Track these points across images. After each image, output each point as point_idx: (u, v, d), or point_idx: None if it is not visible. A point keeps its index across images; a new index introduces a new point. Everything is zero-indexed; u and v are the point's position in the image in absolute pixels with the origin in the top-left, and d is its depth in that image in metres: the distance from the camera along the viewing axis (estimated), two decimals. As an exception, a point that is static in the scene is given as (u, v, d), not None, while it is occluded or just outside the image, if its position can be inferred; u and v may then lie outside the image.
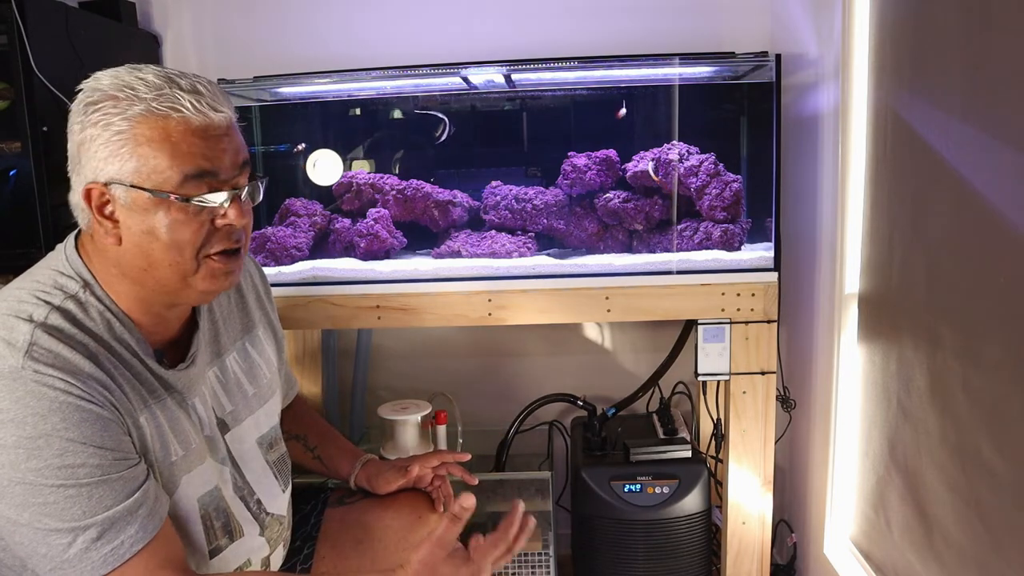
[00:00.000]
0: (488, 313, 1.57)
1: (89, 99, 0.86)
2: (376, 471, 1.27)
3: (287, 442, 1.26)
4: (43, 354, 0.81)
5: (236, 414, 1.06)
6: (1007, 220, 0.93)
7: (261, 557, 1.07)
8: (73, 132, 0.87)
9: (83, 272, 0.90)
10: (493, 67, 1.59)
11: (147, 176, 0.85)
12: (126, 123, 0.84)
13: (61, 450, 0.80)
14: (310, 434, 1.30)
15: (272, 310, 1.20)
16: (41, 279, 0.89)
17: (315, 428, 1.31)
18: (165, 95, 0.85)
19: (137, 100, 0.84)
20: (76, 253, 0.91)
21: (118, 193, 0.86)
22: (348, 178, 1.75)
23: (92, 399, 0.82)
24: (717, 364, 1.56)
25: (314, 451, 1.29)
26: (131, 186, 0.86)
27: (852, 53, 1.37)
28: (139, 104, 0.84)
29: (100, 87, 0.86)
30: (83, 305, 0.88)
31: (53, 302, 0.85)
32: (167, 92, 0.85)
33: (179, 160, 0.86)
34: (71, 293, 0.88)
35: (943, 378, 1.11)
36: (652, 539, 1.57)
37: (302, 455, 1.29)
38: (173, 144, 0.85)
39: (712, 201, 1.60)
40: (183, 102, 0.85)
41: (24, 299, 0.85)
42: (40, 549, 0.81)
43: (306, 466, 1.30)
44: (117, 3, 1.75)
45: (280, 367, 1.19)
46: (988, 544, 1.00)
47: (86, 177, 0.87)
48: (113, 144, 0.85)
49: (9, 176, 1.46)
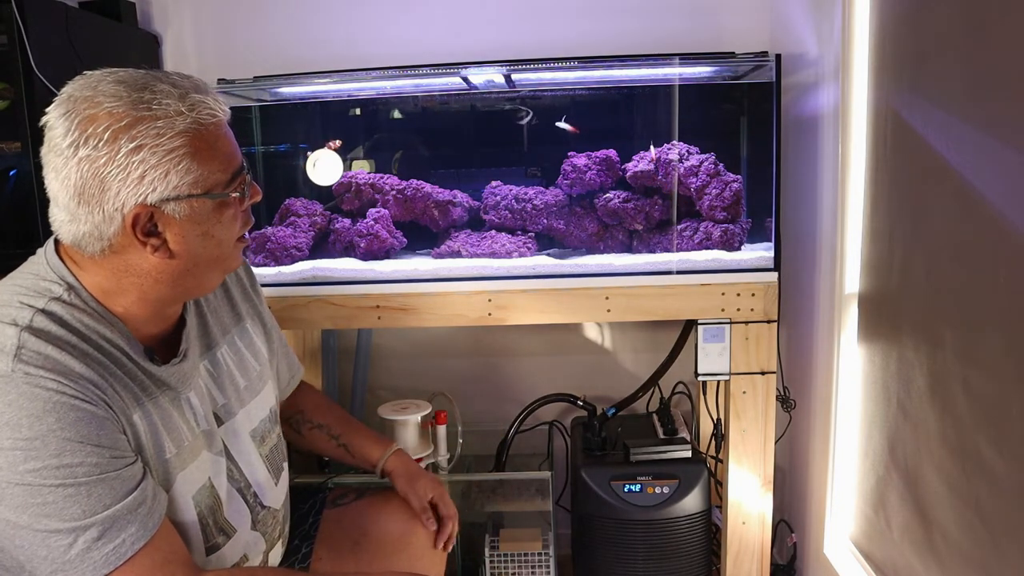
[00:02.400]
0: (488, 313, 1.57)
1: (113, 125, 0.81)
2: (408, 470, 1.30)
3: (310, 431, 1.29)
4: (32, 356, 0.80)
5: (229, 407, 1.06)
6: (1007, 220, 0.93)
7: (259, 552, 1.07)
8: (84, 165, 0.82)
9: (66, 275, 0.88)
10: (493, 67, 1.59)
11: (204, 183, 0.87)
12: (179, 139, 0.84)
13: (58, 450, 0.79)
14: (333, 423, 1.32)
15: (260, 302, 1.20)
16: (23, 283, 0.87)
17: (337, 417, 1.33)
18: (196, 103, 0.85)
19: (176, 116, 0.84)
20: (58, 258, 0.89)
21: (171, 208, 0.86)
22: (348, 178, 1.75)
23: (86, 398, 0.82)
24: (717, 364, 1.56)
25: (338, 439, 1.31)
26: (189, 197, 0.86)
27: (852, 53, 1.37)
28: (180, 119, 0.84)
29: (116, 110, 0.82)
30: (68, 306, 0.87)
31: (37, 305, 0.84)
32: (195, 99, 0.85)
33: (224, 160, 0.89)
34: (55, 295, 0.86)
35: (943, 378, 1.11)
36: (652, 539, 1.57)
37: (326, 443, 1.31)
38: (217, 147, 0.88)
39: (712, 201, 1.60)
40: (214, 106, 0.87)
41: (6, 303, 0.84)
42: (40, 551, 0.80)
43: (330, 455, 1.33)
44: (117, 3, 1.76)
45: (271, 358, 1.19)
46: (988, 544, 1.00)
47: (123, 204, 0.83)
48: (166, 164, 0.83)
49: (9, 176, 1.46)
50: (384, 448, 1.30)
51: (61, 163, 0.82)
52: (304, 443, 1.33)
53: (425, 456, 1.67)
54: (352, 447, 1.30)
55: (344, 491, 1.35)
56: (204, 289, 0.98)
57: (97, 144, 0.81)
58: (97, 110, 0.82)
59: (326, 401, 1.37)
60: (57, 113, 0.83)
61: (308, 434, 1.31)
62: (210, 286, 0.98)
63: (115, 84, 0.83)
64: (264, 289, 1.26)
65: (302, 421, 1.32)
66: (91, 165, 0.82)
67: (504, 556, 1.67)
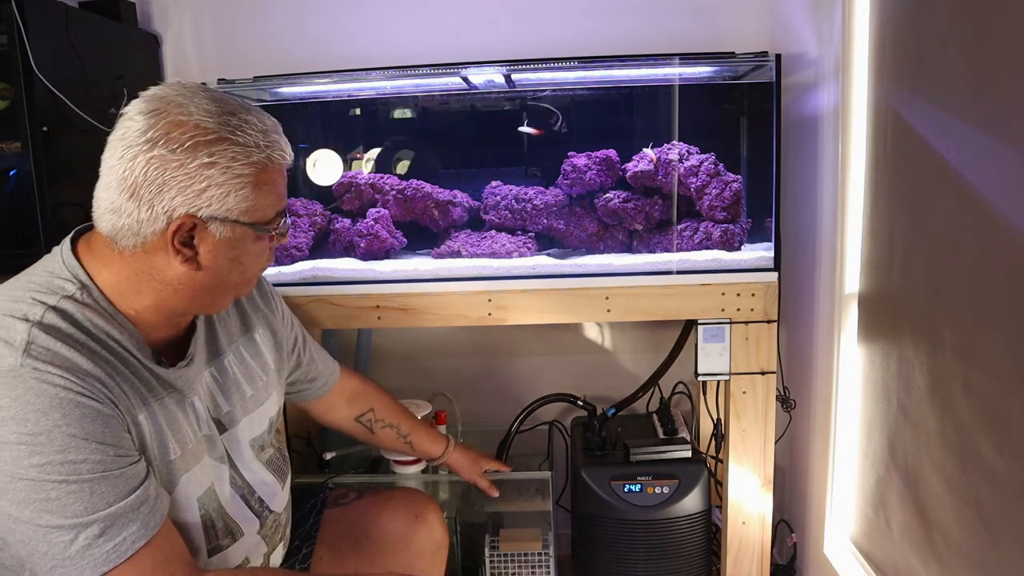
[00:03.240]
0: (488, 313, 1.57)
1: (198, 137, 0.85)
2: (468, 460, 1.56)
3: (382, 430, 1.46)
4: (41, 352, 0.81)
5: (232, 415, 1.06)
6: (1007, 220, 0.93)
7: (260, 554, 1.07)
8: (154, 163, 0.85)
9: (80, 274, 0.89)
10: (493, 67, 1.59)
11: (253, 214, 0.91)
12: (250, 168, 0.89)
13: (63, 446, 0.80)
14: (401, 422, 1.47)
15: (271, 311, 1.20)
16: (37, 280, 0.88)
17: (404, 416, 1.49)
18: (273, 143, 0.91)
19: (254, 147, 0.89)
20: (73, 256, 0.91)
21: (215, 227, 0.89)
22: (348, 178, 1.75)
23: (92, 395, 0.82)
24: (717, 364, 1.56)
25: (406, 437, 1.47)
26: (236, 222, 0.90)
27: (852, 53, 1.37)
28: (258, 152, 0.89)
29: (205, 125, 0.86)
30: (80, 305, 0.87)
31: (49, 302, 0.85)
32: (274, 138, 0.92)
33: (276, 199, 0.94)
34: (68, 294, 0.87)
35: (943, 378, 1.11)
36: (652, 539, 1.57)
37: (394, 441, 1.47)
38: (274, 186, 0.93)
39: (712, 201, 1.60)
40: (285, 149, 0.94)
41: (19, 299, 0.85)
42: (41, 547, 0.80)
43: (394, 449, 1.51)
44: (117, 3, 1.75)
45: (281, 369, 1.19)
46: (988, 544, 1.00)
47: (173, 209, 0.86)
48: (229, 185, 0.88)
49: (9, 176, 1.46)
50: (444, 444, 1.51)
51: (130, 154, 0.85)
52: (373, 439, 1.47)
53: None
54: (416, 444, 1.49)
55: (345, 491, 1.35)
56: (215, 308, 1.01)
57: (175, 148, 0.85)
58: (188, 118, 0.86)
59: (393, 400, 1.49)
60: (143, 108, 0.86)
61: (380, 432, 1.45)
62: (221, 306, 1.02)
63: (209, 101, 0.88)
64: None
65: (374, 420, 1.44)
66: (160, 164, 0.85)
67: (504, 556, 1.67)
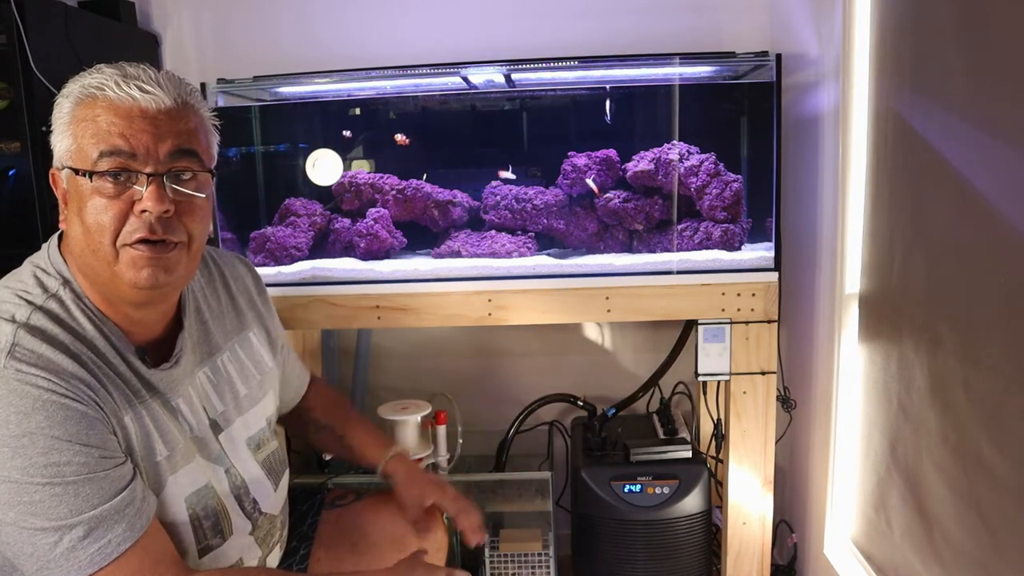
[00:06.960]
0: (488, 313, 1.57)
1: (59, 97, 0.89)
2: (407, 473, 1.27)
3: (316, 432, 1.30)
4: (25, 354, 0.81)
5: (227, 415, 1.05)
6: (1007, 220, 0.93)
7: (254, 557, 1.07)
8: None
9: (62, 269, 0.90)
10: (493, 67, 1.59)
11: (75, 156, 0.87)
12: (67, 105, 0.87)
13: (46, 448, 0.80)
14: (337, 423, 1.31)
15: (266, 311, 1.20)
16: (24, 278, 0.89)
17: (343, 415, 1.33)
18: (95, 77, 0.87)
19: (73, 83, 0.87)
20: (57, 250, 0.91)
21: (63, 176, 0.89)
22: (348, 178, 1.75)
23: (76, 397, 0.82)
24: (717, 364, 1.56)
25: (342, 440, 1.30)
26: (64, 167, 0.88)
27: (852, 53, 1.37)
28: (74, 85, 0.87)
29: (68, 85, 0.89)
30: (64, 304, 0.87)
31: (35, 302, 0.85)
32: (98, 75, 0.87)
33: (98, 139, 0.85)
34: (52, 292, 0.88)
35: (943, 378, 1.10)
36: (652, 539, 1.57)
37: (333, 443, 1.32)
38: (96, 124, 0.85)
39: (712, 201, 1.60)
40: (108, 82, 0.86)
41: (6, 299, 0.86)
42: (26, 549, 0.80)
43: (339, 454, 1.34)
44: (117, 3, 1.75)
45: (275, 368, 1.19)
46: (988, 544, 1.00)
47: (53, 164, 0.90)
48: (59, 127, 0.88)
49: (9, 176, 1.46)
50: (385, 450, 1.29)
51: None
52: (314, 442, 1.35)
53: (425, 456, 1.67)
54: (355, 448, 1.30)
55: (343, 492, 1.35)
56: (117, 291, 0.89)
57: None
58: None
59: (334, 400, 1.37)
60: None
61: (315, 435, 1.33)
62: (121, 290, 0.89)
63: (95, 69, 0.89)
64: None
65: (309, 421, 1.33)
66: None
67: (504, 556, 1.66)
